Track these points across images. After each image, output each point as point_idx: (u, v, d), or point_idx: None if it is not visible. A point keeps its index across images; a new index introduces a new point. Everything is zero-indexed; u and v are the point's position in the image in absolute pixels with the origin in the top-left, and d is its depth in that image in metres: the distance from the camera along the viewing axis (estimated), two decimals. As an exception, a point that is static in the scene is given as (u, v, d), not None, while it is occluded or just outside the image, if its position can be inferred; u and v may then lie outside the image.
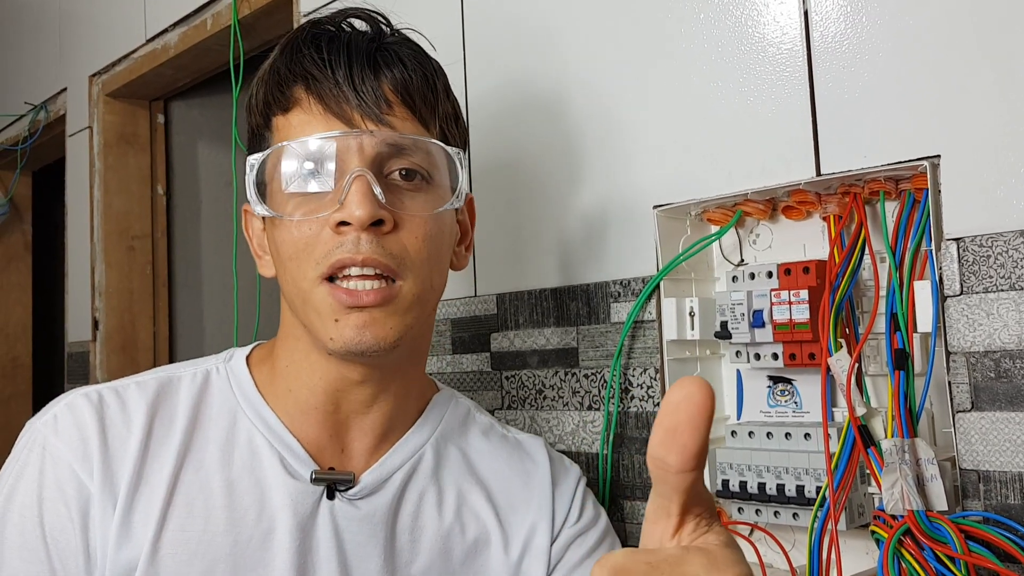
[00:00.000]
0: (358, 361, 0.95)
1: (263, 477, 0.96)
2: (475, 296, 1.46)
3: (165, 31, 2.32)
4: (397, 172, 0.93)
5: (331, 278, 0.91)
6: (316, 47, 0.94)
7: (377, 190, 0.90)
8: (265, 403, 1.00)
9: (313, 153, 0.91)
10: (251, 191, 0.94)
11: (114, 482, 0.92)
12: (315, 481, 0.97)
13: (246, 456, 0.97)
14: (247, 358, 1.04)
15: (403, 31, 1.01)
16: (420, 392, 1.08)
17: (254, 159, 0.95)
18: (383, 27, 0.99)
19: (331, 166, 0.91)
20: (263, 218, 0.98)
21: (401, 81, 0.95)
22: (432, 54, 1.01)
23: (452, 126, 1.01)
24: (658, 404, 1.20)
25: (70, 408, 0.95)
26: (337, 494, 0.98)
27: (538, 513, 1.07)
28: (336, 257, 0.90)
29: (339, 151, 0.91)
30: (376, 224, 0.90)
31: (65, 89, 2.81)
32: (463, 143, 1.03)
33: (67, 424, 0.93)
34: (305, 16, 1.77)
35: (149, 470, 0.94)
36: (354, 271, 0.90)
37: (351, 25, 0.99)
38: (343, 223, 0.89)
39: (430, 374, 1.52)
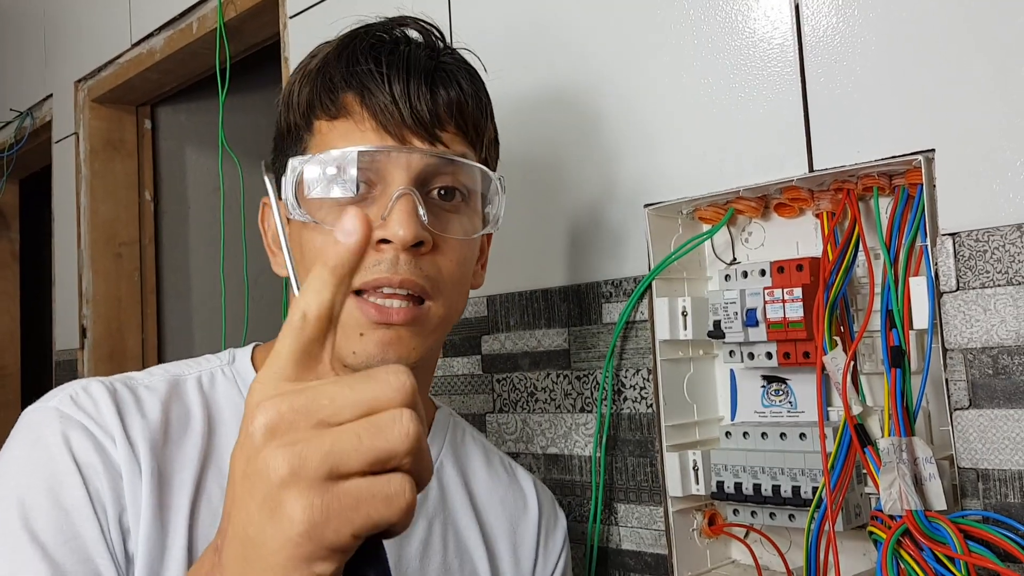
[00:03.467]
0: None
1: None
2: (465, 298, 1.44)
3: (150, 35, 2.30)
4: (437, 191, 0.91)
5: (358, 291, 0.88)
6: (375, 59, 0.91)
7: (421, 211, 0.88)
8: None
9: (362, 164, 0.89)
10: (289, 192, 0.91)
11: (139, 464, 0.86)
12: None
13: None
14: (251, 360, 1.00)
15: (459, 50, 0.99)
16: (424, 410, 1.05)
17: (298, 161, 0.91)
18: (438, 41, 0.97)
19: (378, 180, 0.89)
20: (288, 219, 0.95)
21: (456, 102, 0.93)
22: (482, 76, 1.00)
23: (494, 150, 1.01)
24: (651, 406, 1.19)
25: (86, 390, 0.89)
26: None
27: (522, 567, 1.08)
28: (373, 276, 0.87)
29: (387, 166, 0.89)
30: (416, 245, 0.88)
31: (51, 95, 2.79)
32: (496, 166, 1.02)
33: (86, 402, 0.88)
34: (291, 17, 1.76)
35: (172, 469, 0.89)
36: (387, 290, 0.88)
37: (405, 34, 0.96)
38: (384, 241, 0.87)
39: (420, 378, 1.51)
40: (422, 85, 0.90)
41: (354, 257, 0.57)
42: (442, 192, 0.91)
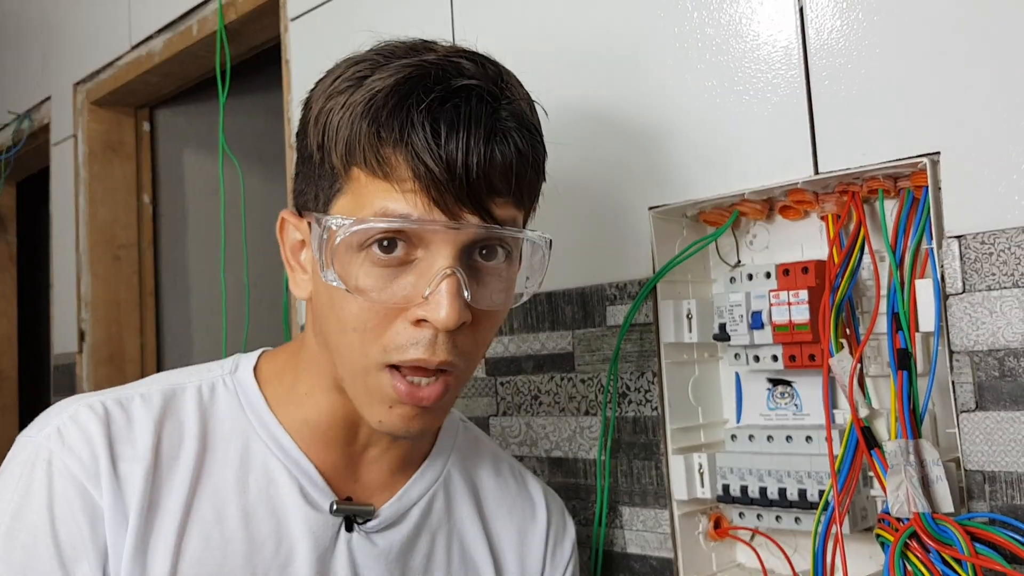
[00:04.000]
0: None
1: (281, 505, 0.92)
2: (468, 301, 1.44)
3: (150, 38, 2.30)
4: (479, 250, 0.86)
5: (395, 364, 0.85)
6: (430, 112, 0.82)
7: (466, 293, 0.83)
8: (279, 424, 0.94)
9: (409, 235, 0.83)
10: (321, 254, 0.85)
11: (124, 503, 0.86)
12: (335, 512, 0.94)
13: (262, 482, 0.92)
14: (255, 371, 0.98)
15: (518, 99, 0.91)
16: None
17: (338, 223, 0.83)
18: (496, 83, 0.88)
19: (421, 245, 0.84)
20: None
21: (513, 165, 0.85)
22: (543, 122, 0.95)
23: (536, 203, 0.95)
24: (656, 409, 1.19)
25: (75, 421, 0.88)
26: (355, 526, 0.96)
27: (530, 568, 1.08)
28: (412, 356, 0.84)
29: (435, 237, 0.83)
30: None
31: (49, 98, 2.79)
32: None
33: (74, 438, 0.87)
34: (292, 20, 1.76)
35: (160, 495, 0.88)
36: (418, 377, 0.86)
37: (460, 72, 0.86)
38: (424, 320, 0.83)
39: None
40: (481, 149, 0.82)
41: None
42: (483, 251, 0.87)
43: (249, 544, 0.90)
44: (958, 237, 0.95)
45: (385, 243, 0.83)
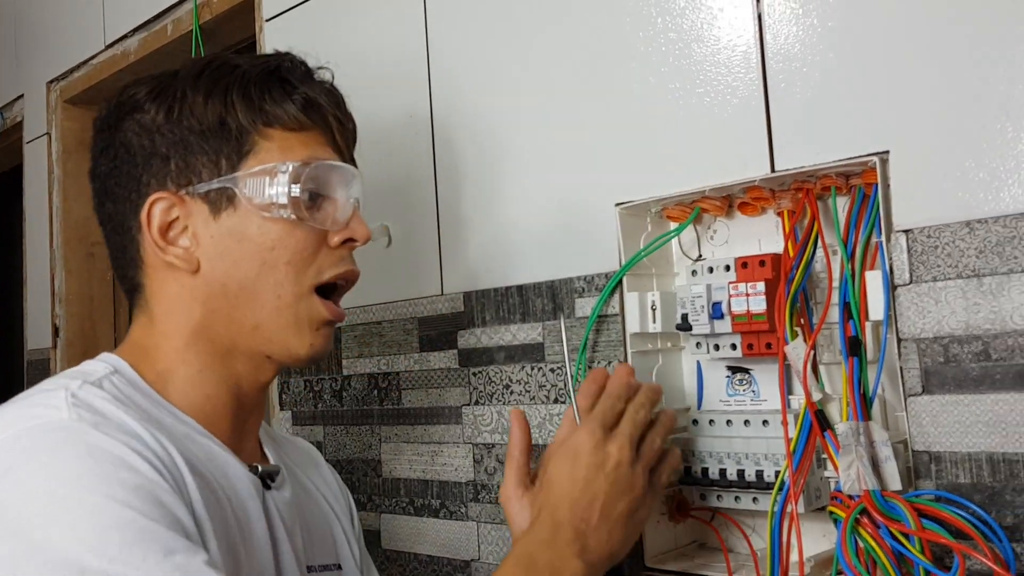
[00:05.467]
0: (285, 365, 1.04)
1: (229, 473, 0.98)
2: (442, 294, 1.49)
3: (125, 37, 2.31)
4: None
5: (323, 288, 1.02)
6: (319, 85, 1.06)
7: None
8: (177, 409, 0.98)
9: (329, 177, 1.03)
10: (276, 192, 0.99)
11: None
12: (259, 474, 1.03)
13: (208, 456, 0.96)
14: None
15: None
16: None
17: (286, 167, 0.99)
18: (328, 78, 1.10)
19: (330, 191, 1.03)
20: (214, 212, 0.99)
21: (355, 127, 1.11)
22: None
23: None
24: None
25: (87, 404, 0.87)
26: (271, 485, 1.05)
27: (339, 497, 1.24)
28: (341, 269, 1.03)
29: (344, 180, 1.04)
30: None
31: (22, 96, 2.79)
32: None
33: (97, 414, 0.87)
34: (267, 21, 1.79)
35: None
36: (340, 284, 1.03)
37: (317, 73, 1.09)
38: (350, 240, 1.03)
39: (397, 373, 1.55)
40: (347, 114, 1.08)
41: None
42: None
43: (230, 503, 0.95)
44: (906, 231, 1.01)
45: (311, 194, 1.00)
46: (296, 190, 0.98)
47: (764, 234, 1.18)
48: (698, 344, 1.18)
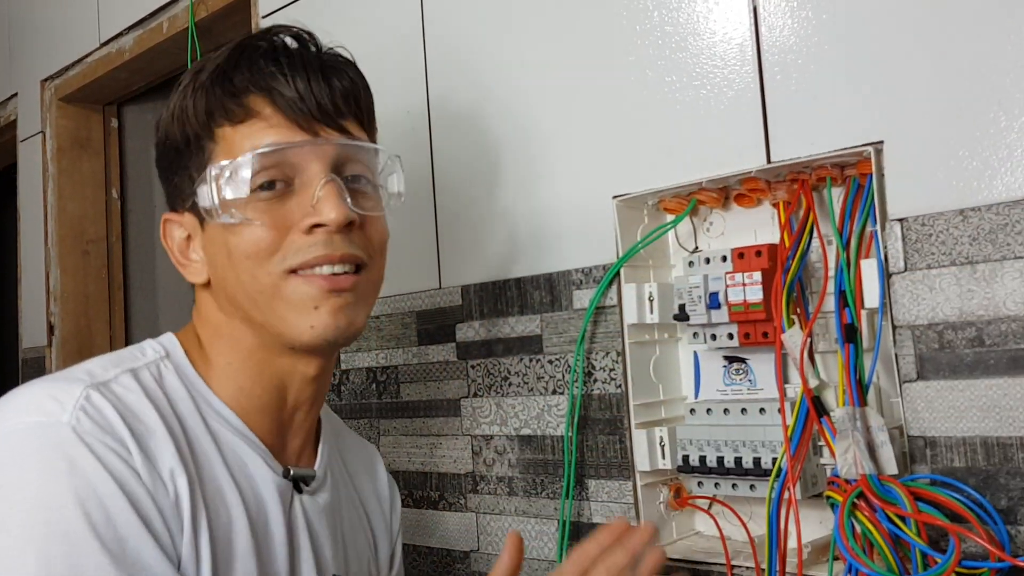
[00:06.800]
0: (318, 354, 1.00)
1: (252, 474, 0.98)
2: (440, 288, 1.50)
3: (120, 35, 2.32)
4: (347, 176, 0.98)
5: (295, 271, 0.94)
6: (275, 61, 0.96)
7: (346, 195, 0.95)
8: (219, 399, 0.99)
9: (282, 160, 0.94)
10: (213, 199, 0.94)
11: (163, 479, 0.88)
12: (290, 477, 1.02)
13: (229, 452, 0.97)
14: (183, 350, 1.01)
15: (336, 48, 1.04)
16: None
17: (219, 168, 0.94)
18: (311, 43, 1.02)
19: (296, 173, 0.95)
20: (201, 223, 0.98)
21: (351, 91, 1.00)
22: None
23: (376, 131, 1.07)
24: (620, 386, 1.25)
25: (90, 402, 0.87)
26: (303, 488, 1.04)
27: (384, 513, 1.23)
28: (312, 255, 0.93)
29: (305, 158, 0.95)
30: (347, 225, 0.95)
31: (16, 94, 2.80)
32: None
33: (97, 419, 0.87)
34: (264, 18, 1.80)
35: (181, 464, 0.91)
36: (326, 269, 0.94)
37: (283, 41, 1.00)
38: (317, 225, 0.94)
39: (396, 366, 1.56)
40: (320, 79, 0.97)
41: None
42: (350, 178, 0.98)
43: (245, 509, 0.95)
44: (900, 220, 1.02)
45: (264, 184, 0.94)
46: (230, 192, 0.93)
47: (760, 225, 1.19)
48: (695, 334, 1.19)
